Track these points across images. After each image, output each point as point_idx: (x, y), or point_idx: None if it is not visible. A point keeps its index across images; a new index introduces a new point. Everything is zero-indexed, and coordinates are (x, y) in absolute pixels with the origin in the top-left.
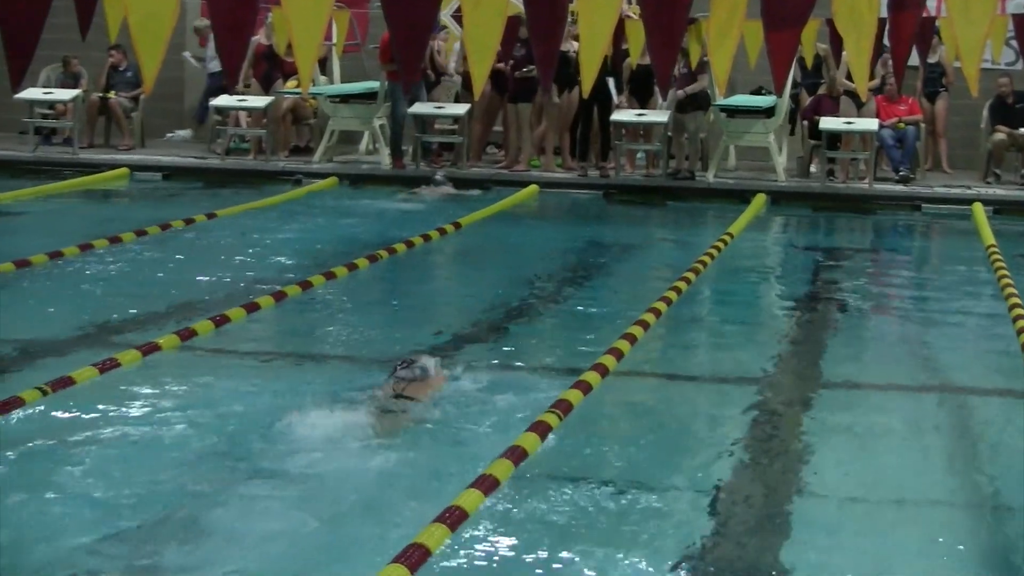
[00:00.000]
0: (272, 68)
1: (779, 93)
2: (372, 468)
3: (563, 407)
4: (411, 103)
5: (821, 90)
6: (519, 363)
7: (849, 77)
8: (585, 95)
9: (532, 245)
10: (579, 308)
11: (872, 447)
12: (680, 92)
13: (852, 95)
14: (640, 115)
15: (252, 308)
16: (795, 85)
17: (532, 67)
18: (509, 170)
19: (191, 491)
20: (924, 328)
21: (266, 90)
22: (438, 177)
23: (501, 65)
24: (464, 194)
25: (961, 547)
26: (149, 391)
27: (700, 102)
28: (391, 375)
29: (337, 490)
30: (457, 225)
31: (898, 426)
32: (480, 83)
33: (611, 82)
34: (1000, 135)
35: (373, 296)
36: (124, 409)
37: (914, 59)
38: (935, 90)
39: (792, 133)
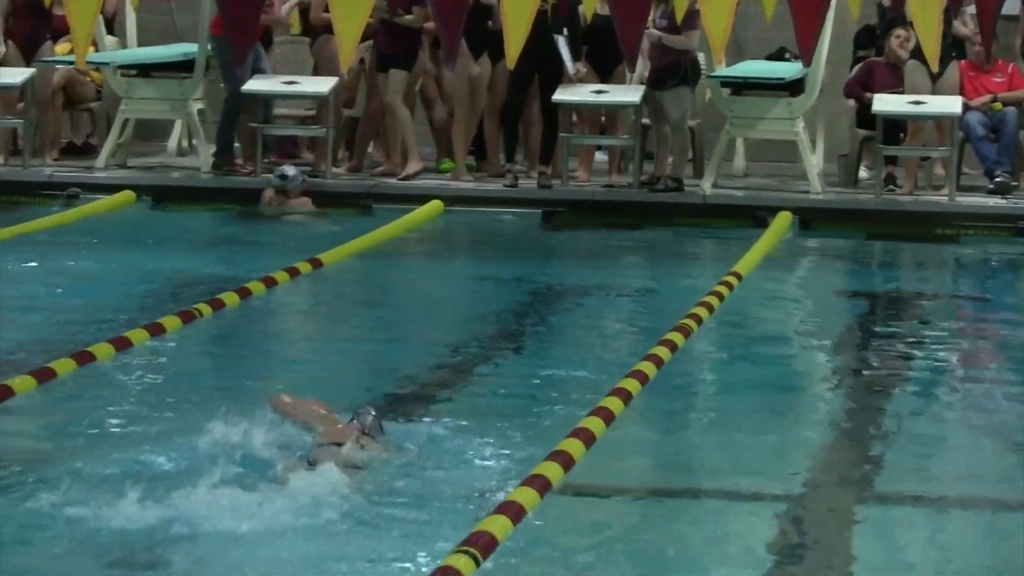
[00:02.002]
0: (38, 24)
1: (807, 60)
2: None
3: (483, 543)
4: (251, 74)
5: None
6: (419, 472)
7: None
8: (510, 64)
9: (434, 293)
10: (508, 390)
11: None
12: (654, 31)
13: (919, 57)
14: (599, 92)
15: (3, 395)
16: (870, 42)
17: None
18: (396, 178)
19: None
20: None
21: (29, 58)
22: (288, 171)
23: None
24: (327, 215)
25: None
26: None
27: (687, 74)
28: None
29: None
30: (317, 263)
31: (979, 553)
32: (350, 46)
33: (561, 42)
34: None
35: (187, 374)
36: None
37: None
38: None
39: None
